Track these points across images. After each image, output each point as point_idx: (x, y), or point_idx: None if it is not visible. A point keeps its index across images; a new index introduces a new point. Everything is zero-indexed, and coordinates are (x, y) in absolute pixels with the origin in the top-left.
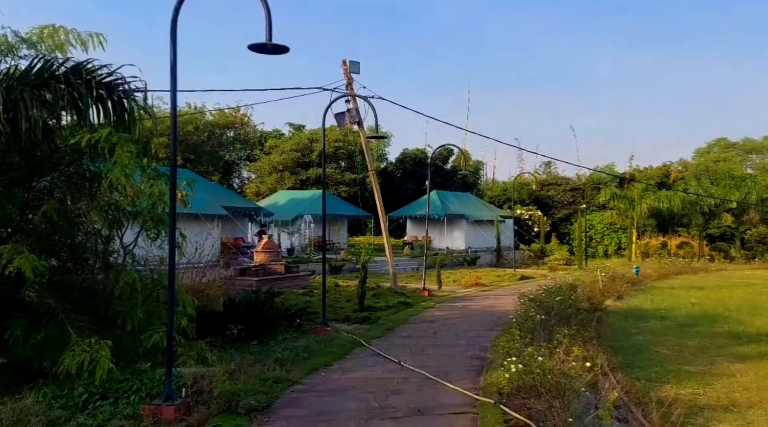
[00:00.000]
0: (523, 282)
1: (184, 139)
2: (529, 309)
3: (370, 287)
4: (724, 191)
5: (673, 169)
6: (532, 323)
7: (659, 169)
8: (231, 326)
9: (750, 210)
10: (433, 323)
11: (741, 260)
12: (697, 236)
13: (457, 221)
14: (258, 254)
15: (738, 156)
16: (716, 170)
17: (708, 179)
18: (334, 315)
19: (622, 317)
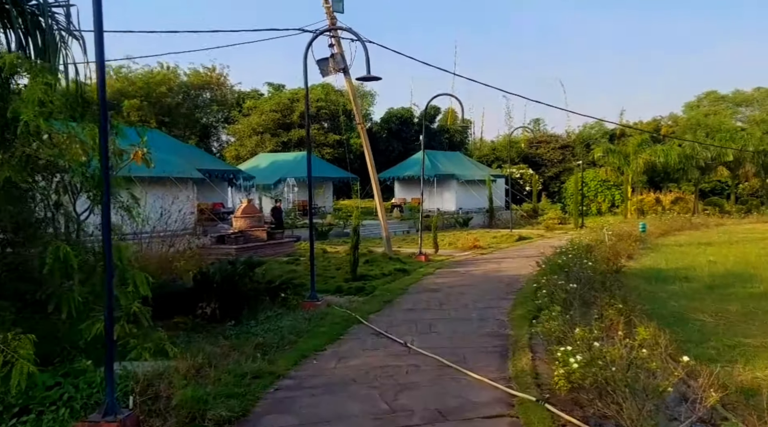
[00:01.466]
0: (522, 243)
1: (157, 101)
2: (548, 273)
3: (361, 252)
4: (720, 144)
5: (663, 123)
6: (564, 292)
7: (649, 124)
8: (202, 305)
9: (746, 163)
10: (437, 293)
11: (736, 214)
12: (688, 192)
13: (447, 181)
14: (237, 219)
15: (728, 109)
16: (707, 124)
17: (703, 132)
18: (324, 286)
19: (643, 279)
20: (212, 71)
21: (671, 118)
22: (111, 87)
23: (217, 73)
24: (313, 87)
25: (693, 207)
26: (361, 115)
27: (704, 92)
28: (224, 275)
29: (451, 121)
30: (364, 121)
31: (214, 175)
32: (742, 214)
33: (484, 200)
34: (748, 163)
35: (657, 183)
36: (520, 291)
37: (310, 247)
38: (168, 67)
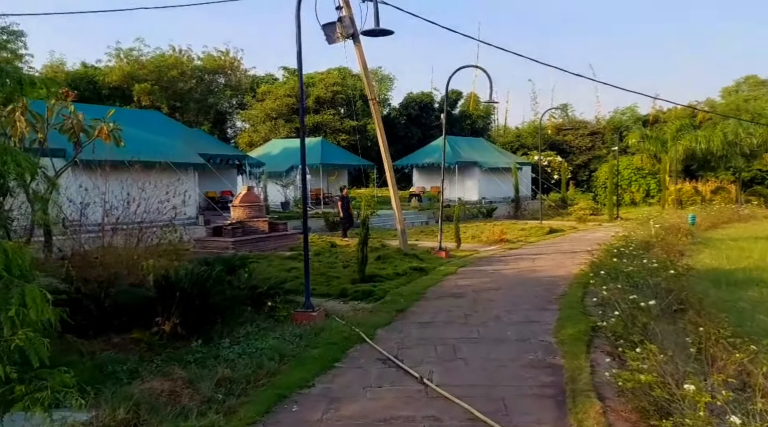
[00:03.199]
0: (553, 237)
1: (169, 86)
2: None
3: (374, 246)
4: (767, 130)
5: (699, 109)
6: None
7: (685, 110)
8: (158, 320)
9: None
10: (461, 299)
11: None
12: (726, 181)
13: (470, 169)
14: (235, 209)
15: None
16: (747, 109)
17: (748, 117)
18: (326, 289)
19: (710, 282)
20: (226, 55)
21: (708, 103)
22: (121, 70)
23: (231, 56)
24: (330, 71)
25: (736, 197)
26: (374, 89)
27: (743, 77)
28: (194, 280)
29: (473, 106)
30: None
31: (218, 160)
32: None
33: (508, 189)
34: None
35: (692, 172)
36: (564, 298)
37: (304, 247)
38: (180, 51)
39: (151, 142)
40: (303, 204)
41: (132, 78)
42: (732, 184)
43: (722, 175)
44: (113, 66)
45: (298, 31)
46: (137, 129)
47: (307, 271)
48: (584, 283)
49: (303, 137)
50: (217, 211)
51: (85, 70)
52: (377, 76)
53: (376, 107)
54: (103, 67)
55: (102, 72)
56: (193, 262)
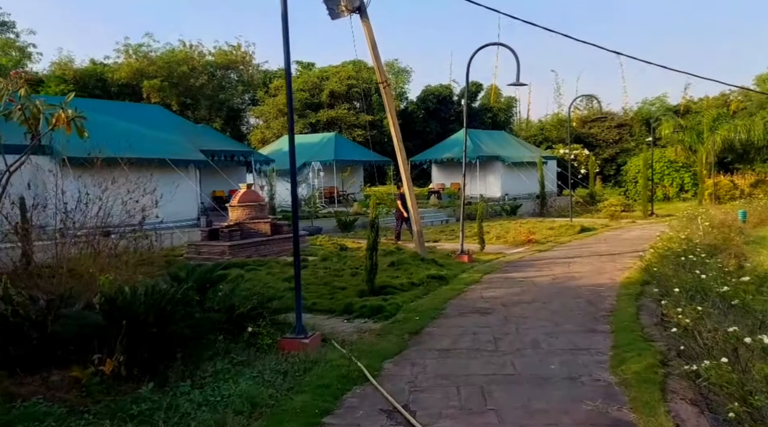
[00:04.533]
0: (586, 236)
1: (179, 82)
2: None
3: (388, 250)
4: None
5: (732, 98)
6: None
7: (716, 99)
8: (95, 357)
9: None
10: (488, 316)
11: None
12: (763, 174)
13: (492, 163)
14: (233, 209)
15: None
16: None
17: None
18: (328, 303)
19: None
20: (237, 49)
21: (741, 92)
22: (130, 66)
23: (243, 51)
24: (344, 64)
25: None
26: (384, 71)
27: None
28: (150, 302)
29: (494, 98)
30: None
31: (222, 157)
32: None
33: (533, 185)
34: None
35: (726, 165)
36: (614, 316)
37: (295, 262)
38: (190, 46)
39: (149, 137)
40: (293, 206)
41: (141, 75)
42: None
43: (759, 167)
44: (122, 63)
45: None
46: (136, 124)
47: (299, 287)
48: (635, 294)
49: (291, 130)
50: (224, 212)
51: (93, 68)
52: (393, 69)
53: (387, 91)
54: (111, 64)
55: (111, 69)
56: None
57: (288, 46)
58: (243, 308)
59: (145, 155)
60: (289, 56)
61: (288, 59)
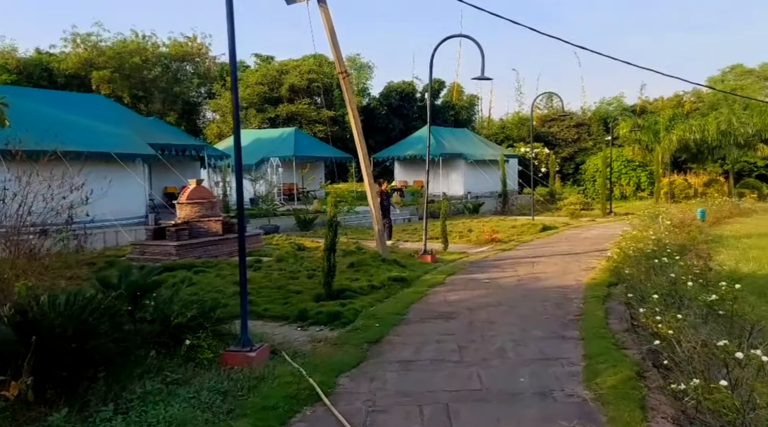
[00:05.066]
0: (548, 235)
1: (131, 74)
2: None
3: (348, 250)
4: (761, 119)
5: (686, 99)
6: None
7: (671, 100)
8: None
9: None
10: (452, 321)
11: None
12: (714, 173)
13: (455, 161)
14: (182, 207)
15: (755, 83)
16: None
17: (741, 106)
18: (281, 309)
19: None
20: (193, 41)
21: (694, 93)
22: (78, 57)
23: (199, 42)
24: (305, 57)
25: (729, 190)
26: (343, 61)
27: (729, 66)
28: (68, 314)
29: (457, 96)
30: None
31: (172, 151)
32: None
33: (495, 183)
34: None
35: (680, 164)
36: (584, 320)
37: (240, 260)
38: (143, 36)
39: (91, 130)
40: (238, 205)
41: (90, 65)
42: (721, 176)
43: (711, 167)
44: (69, 52)
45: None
46: (77, 115)
47: (244, 294)
48: (602, 296)
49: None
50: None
51: (39, 57)
52: (355, 64)
53: (346, 82)
54: (58, 54)
55: (57, 59)
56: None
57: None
58: (181, 317)
59: (87, 148)
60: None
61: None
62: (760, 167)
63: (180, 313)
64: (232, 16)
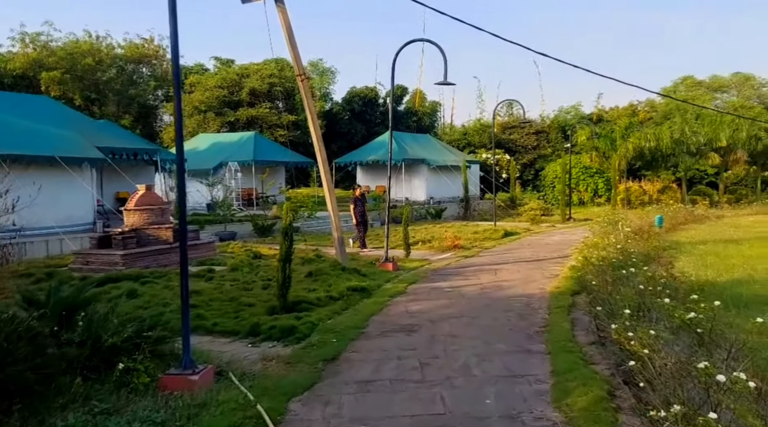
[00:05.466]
0: (510, 241)
1: (84, 76)
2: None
3: (307, 258)
4: (712, 128)
5: (640, 109)
6: None
7: (626, 109)
8: None
9: (737, 149)
10: (413, 335)
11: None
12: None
13: (417, 166)
14: (129, 213)
15: (706, 94)
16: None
17: (693, 115)
18: (232, 324)
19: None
20: (149, 43)
21: (648, 103)
22: (26, 57)
23: (156, 44)
24: (267, 62)
25: (682, 197)
26: (301, 63)
27: (680, 77)
28: None
29: (419, 102)
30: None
31: (122, 154)
32: (732, 204)
33: (457, 189)
34: (739, 150)
35: (635, 171)
36: (549, 332)
37: (181, 272)
38: (97, 36)
39: (33, 132)
40: (180, 212)
41: (39, 66)
42: (673, 183)
43: (664, 174)
44: (17, 52)
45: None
46: (15, 116)
47: (186, 309)
48: (566, 306)
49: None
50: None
51: None
52: (318, 69)
53: (304, 85)
54: (5, 54)
55: (4, 59)
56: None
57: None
58: (116, 337)
59: (29, 152)
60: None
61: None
62: (709, 175)
63: (116, 332)
64: (175, 14)
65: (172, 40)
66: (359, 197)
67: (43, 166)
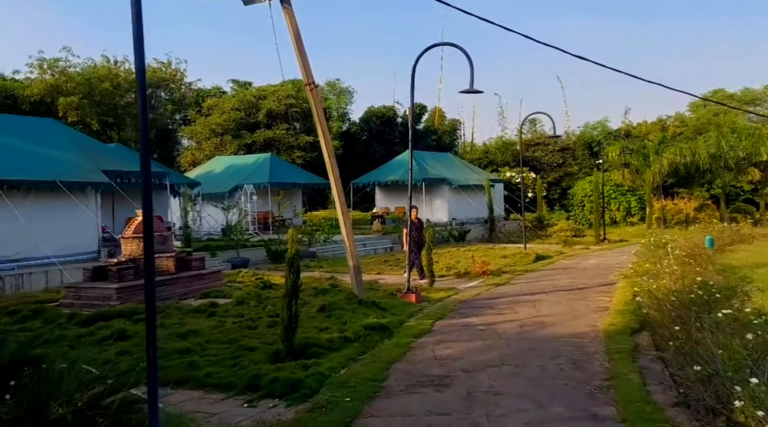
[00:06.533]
0: (543, 265)
1: (101, 101)
2: None
3: (321, 288)
4: (751, 142)
5: (670, 123)
6: None
7: (654, 124)
8: None
9: None
10: (444, 392)
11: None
12: (701, 198)
13: (438, 186)
14: (126, 242)
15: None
16: (718, 123)
17: (728, 129)
18: (227, 374)
19: None
20: (167, 67)
21: (677, 118)
22: (44, 82)
23: (173, 68)
24: (284, 83)
25: (721, 215)
26: (310, 70)
27: (711, 91)
28: None
29: (439, 121)
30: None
31: (128, 178)
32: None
33: (481, 209)
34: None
35: (666, 188)
36: (615, 387)
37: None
38: (115, 61)
39: (34, 156)
40: (146, 243)
41: (57, 91)
42: (709, 201)
43: (697, 191)
44: (35, 78)
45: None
46: (18, 139)
47: (154, 378)
48: (628, 350)
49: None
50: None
51: (3, 83)
52: (335, 89)
53: (314, 94)
54: (23, 80)
55: (21, 85)
56: None
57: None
58: (64, 408)
59: (28, 177)
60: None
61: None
62: (746, 191)
63: (69, 399)
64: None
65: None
66: (415, 222)
67: (44, 191)
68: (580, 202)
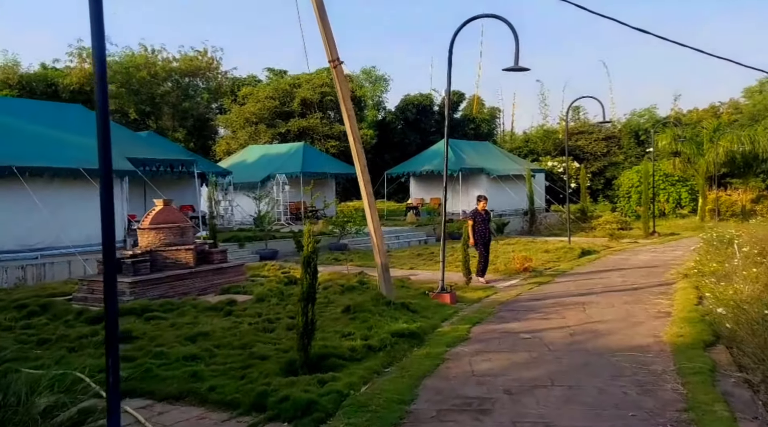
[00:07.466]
0: (588, 261)
1: (139, 89)
2: None
3: (348, 285)
4: None
5: (723, 110)
6: None
7: (706, 111)
8: None
9: None
10: (484, 421)
11: None
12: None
13: (476, 176)
14: (143, 233)
15: None
16: None
17: None
18: (233, 388)
19: None
20: (203, 55)
21: (731, 104)
22: (82, 71)
23: (209, 57)
24: (318, 71)
25: None
26: (335, 46)
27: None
28: None
29: (477, 109)
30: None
31: (154, 166)
32: None
33: (520, 200)
34: None
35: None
36: (697, 421)
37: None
38: (152, 50)
39: (59, 142)
40: (104, 238)
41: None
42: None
43: (753, 182)
44: (74, 67)
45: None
46: (42, 125)
47: (115, 387)
48: (706, 371)
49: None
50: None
51: (44, 72)
52: (371, 77)
53: (338, 71)
54: (63, 69)
55: (61, 74)
56: None
57: None
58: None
59: (52, 164)
60: None
61: None
62: None
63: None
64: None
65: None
66: (482, 213)
67: (68, 179)
68: (627, 193)
